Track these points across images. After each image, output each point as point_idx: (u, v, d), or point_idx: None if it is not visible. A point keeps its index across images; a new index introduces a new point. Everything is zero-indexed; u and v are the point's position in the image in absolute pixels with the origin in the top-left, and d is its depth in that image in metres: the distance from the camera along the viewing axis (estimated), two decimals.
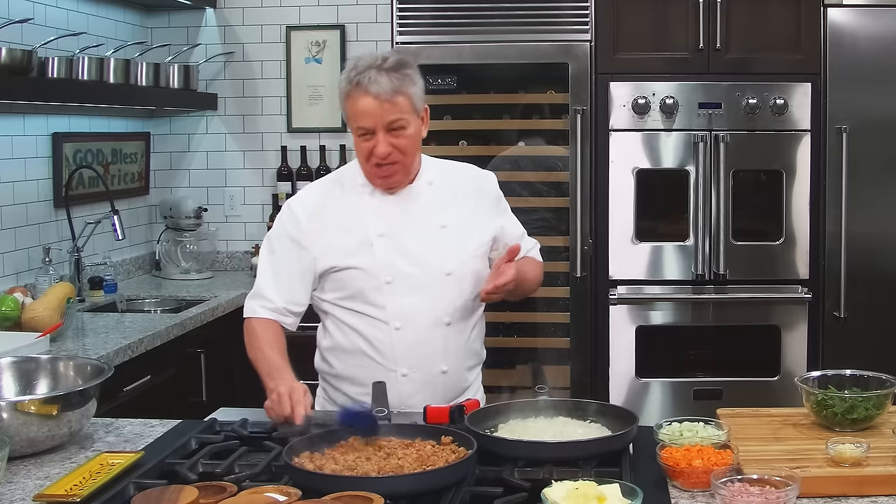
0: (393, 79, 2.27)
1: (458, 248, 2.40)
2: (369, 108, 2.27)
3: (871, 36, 3.90)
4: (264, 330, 2.37)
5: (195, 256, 4.61)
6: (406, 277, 2.35)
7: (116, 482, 1.84)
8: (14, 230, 3.74)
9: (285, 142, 4.78)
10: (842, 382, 2.13)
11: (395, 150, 2.31)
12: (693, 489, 1.79)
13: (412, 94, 2.30)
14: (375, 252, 2.35)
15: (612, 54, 3.99)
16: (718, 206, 3.95)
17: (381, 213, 2.39)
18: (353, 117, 2.31)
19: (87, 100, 3.87)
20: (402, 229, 2.38)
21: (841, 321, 3.95)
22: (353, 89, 2.29)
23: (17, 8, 3.66)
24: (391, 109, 2.27)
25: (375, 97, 2.26)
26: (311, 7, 4.74)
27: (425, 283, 2.36)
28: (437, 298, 2.37)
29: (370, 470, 1.78)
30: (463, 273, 2.39)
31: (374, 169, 2.34)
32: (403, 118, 2.29)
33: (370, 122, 2.28)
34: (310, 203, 2.44)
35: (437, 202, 2.42)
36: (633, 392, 4.00)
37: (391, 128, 2.29)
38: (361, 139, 2.32)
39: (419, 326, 2.36)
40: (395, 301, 2.35)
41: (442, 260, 2.38)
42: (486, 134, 4.26)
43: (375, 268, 2.35)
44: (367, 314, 2.37)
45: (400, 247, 2.37)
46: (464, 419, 2.06)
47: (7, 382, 2.27)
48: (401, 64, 2.30)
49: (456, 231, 2.40)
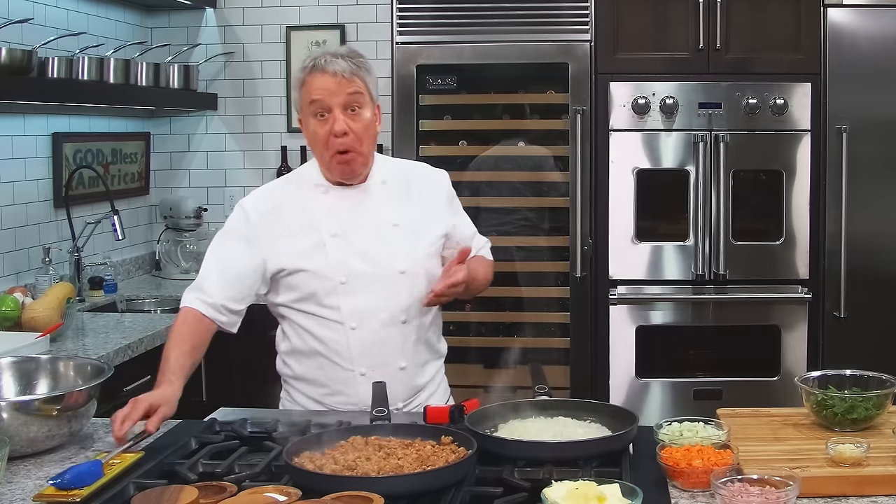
0: (350, 63, 2.32)
1: (410, 246, 2.40)
2: (327, 84, 2.30)
3: (871, 36, 3.90)
4: (183, 324, 2.35)
5: (195, 256, 4.60)
6: (360, 276, 2.36)
7: (116, 482, 1.84)
8: (14, 230, 3.74)
9: (285, 142, 4.78)
10: (842, 382, 2.13)
11: (352, 134, 2.31)
12: (693, 489, 1.79)
13: (368, 81, 2.35)
14: (328, 253, 2.35)
15: (612, 54, 3.99)
16: (718, 206, 3.95)
17: (334, 212, 2.39)
18: (310, 97, 2.32)
19: (87, 100, 3.87)
20: (355, 228, 2.38)
21: (841, 321, 3.95)
22: (310, 72, 2.32)
23: (17, 8, 3.66)
24: (348, 87, 2.30)
25: (333, 75, 2.29)
26: (311, 7, 4.74)
27: (379, 281, 2.36)
28: (392, 296, 2.38)
29: (370, 470, 1.78)
30: (416, 271, 2.40)
31: (336, 156, 2.34)
32: (360, 96, 2.32)
33: (328, 99, 2.30)
34: (262, 203, 2.43)
35: (389, 200, 2.43)
36: (633, 392, 4.00)
37: (348, 106, 2.31)
38: (319, 122, 2.33)
39: (375, 325, 2.36)
40: (350, 301, 2.35)
41: (395, 258, 2.38)
42: (486, 134, 4.25)
43: (329, 269, 2.35)
44: (321, 316, 2.37)
45: (353, 246, 2.37)
46: (464, 419, 2.06)
47: (7, 382, 2.27)
48: (356, 53, 2.38)
49: (408, 229, 2.41)
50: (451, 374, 2.68)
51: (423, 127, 4.12)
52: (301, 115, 2.39)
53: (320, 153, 2.37)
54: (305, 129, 2.39)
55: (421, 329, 2.43)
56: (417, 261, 2.40)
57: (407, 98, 4.07)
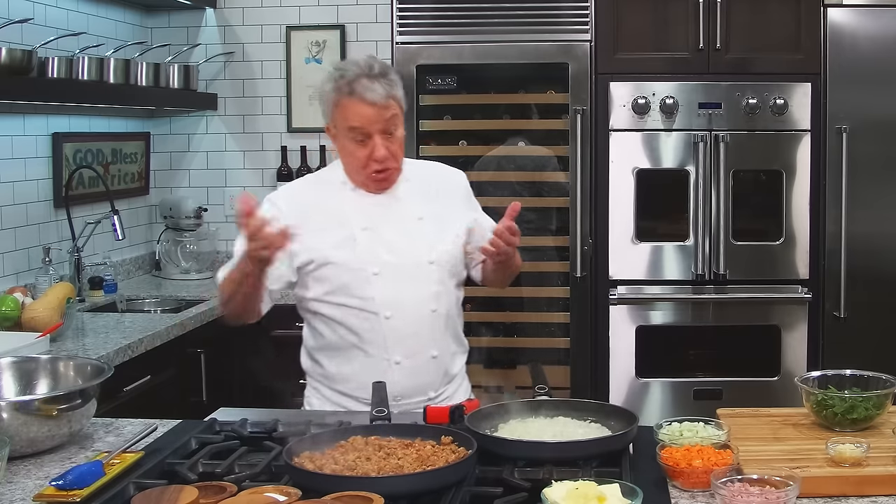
0: (384, 84, 2.37)
1: (436, 238, 2.47)
2: (367, 113, 2.35)
3: (871, 36, 3.90)
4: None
5: (195, 256, 4.61)
6: (392, 267, 2.41)
7: (116, 482, 1.84)
8: (14, 230, 3.74)
9: (285, 142, 4.78)
10: (842, 382, 2.13)
11: (390, 156, 2.40)
12: (693, 489, 1.79)
13: (400, 98, 2.42)
14: (359, 245, 2.41)
15: (612, 54, 3.99)
16: (718, 206, 3.95)
17: (362, 207, 2.46)
18: (348, 122, 2.38)
19: (87, 100, 3.87)
20: (383, 223, 2.45)
21: (841, 321, 3.95)
22: (347, 98, 2.37)
23: (17, 8, 3.66)
24: (386, 113, 2.37)
25: (372, 104, 2.35)
26: (311, 7, 4.74)
27: (410, 272, 2.42)
28: (423, 286, 2.43)
29: (370, 470, 1.78)
30: (443, 261, 2.46)
31: (372, 175, 2.42)
32: (396, 118, 2.40)
33: (367, 126, 2.36)
34: (290, 198, 2.51)
35: (413, 196, 2.50)
36: (633, 392, 4.00)
37: (386, 130, 2.39)
38: (357, 146, 2.39)
39: (408, 314, 2.41)
40: (384, 291, 2.40)
41: (423, 249, 2.45)
42: (486, 134, 4.25)
43: (361, 260, 2.40)
44: (355, 307, 2.41)
45: (382, 239, 2.43)
46: (464, 419, 2.06)
47: (7, 382, 2.27)
48: (387, 69, 2.42)
49: (432, 222, 2.48)
50: None
51: (423, 127, 4.12)
52: (335, 130, 2.44)
53: (357, 170, 2.44)
54: (340, 145, 2.45)
55: (449, 319, 2.50)
56: (444, 251, 2.47)
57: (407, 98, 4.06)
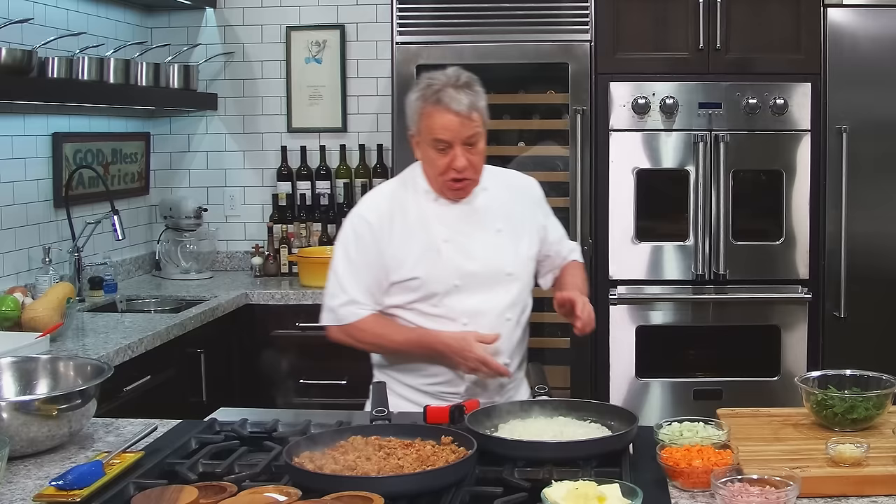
0: (469, 95, 2.43)
1: (514, 249, 2.54)
2: (451, 124, 2.41)
3: (871, 36, 3.90)
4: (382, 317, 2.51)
5: (195, 256, 4.61)
6: (472, 278, 2.48)
7: (116, 482, 1.84)
8: (14, 230, 3.74)
9: (285, 142, 4.78)
10: (842, 382, 2.14)
11: (470, 166, 2.45)
12: (693, 489, 1.79)
13: (483, 111, 2.48)
14: (443, 257, 2.48)
15: (612, 54, 3.99)
16: (718, 206, 3.95)
17: (444, 218, 2.52)
18: (433, 133, 2.43)
19: (87, 100, 3.87)
20: (464, 234, 2.51)
21: (841, 321, 3.95)
22: (433, 107, 2.42)
23: (17, 8, 3.66)
24: (469, 125, 2.43)
25: (456, 114, 2.41)
26: (311, 7, 4.74)
27: (489, 283, 2.49)
28: (501, 297, 2.51)
29: (370, 470, 1.78)
30: (520, 273, 2.54)
31: (449, 182, 2.47)
32: (478, 132, 2.45)
33: (450, 137, 2.42)
34: (377, 210, 2.53)
35: (491, 207, 2.55)
36: (633, 392, 4.00)
37: (468, 142, 2.44)
38: (438, 154, 2.45)
39: (486, 323, 2.48)
40: (463, 302, 2.48)
41: (502, 261, 2.52)
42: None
43: (444, 273, 2.47)
44: (436, 315, 2.48)
45: (464, 250, 2.49)
46: (464, 419, 2.07)
47: (7, 382, 2.27)
48: (473, 81, 2.48)
49: (510, 234, 2.55)
50: None
51: None
52: (419, 138, 2.50)
53: (435, 177, 2.49)
54: (422, 153, 2.51)
55: (520, 326, 2.58)
56: (521, 263, 2.55)
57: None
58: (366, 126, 4.76)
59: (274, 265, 4.57)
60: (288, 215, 4.68)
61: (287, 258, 4.54)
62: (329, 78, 4.74)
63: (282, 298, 4.20)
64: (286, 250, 4.56)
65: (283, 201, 4.70)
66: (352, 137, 4.76)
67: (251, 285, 4.36)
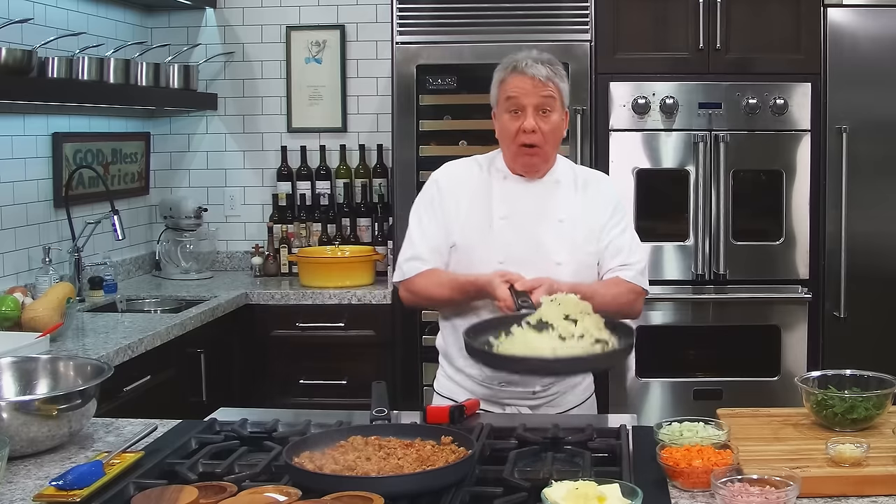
0: (548, 68, 2.47)
1: (571, 241, 2.52)
2: (524, 85, 2.46)
3: (871, 36, 3.90)
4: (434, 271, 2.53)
5: (195, 256, 4.61)
6: (517, 261, 2.45)
7: (116, 482, 1.84)
8: (14, 230, 3.74)
9: (285, 142, 4.78)
10: (842, 382, 2.13)
11: (540, 133, 2.46)
12: (693, 489, 1.79)
13: (561, 88, 2.50)
14: (493, 233, 2.50)
15: (612, 54, 3.99)
16: (718, 206, 3.95)
17: (507, 197, 2.54)
18: (506, 94, 2.49)
19: (87, 100, 3.87)
20: (523, 216, 2.52)
21: (841, 321, 3.95)
22: (510, 73, 2.49)
23: (17, 8, 3.66)
24: (543, 89, 2.46)
25: (531, 78, 2.45)
26: (311, 7, 4.74)
27: (534, 268, 2.43)
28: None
29: (370, 470, 1.78)
30: (571, 265, 2.50)
31: (520, 148, 2.49)
32: (552, 101, 2.47)
33: (523, 98, 2.46)
34: (448, 178, 2.61)
35: (559, 197, 2.55)
36: (633, 392, 4.00)
37: (541, 108, 2.46)
38: (510, 117, 2.49)
39: None
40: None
41: (554, 249, 2.50)
42: (486, 134, 4.23)
43: (490, 248, 2.49)
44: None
45: (518, 231, 2.50)
46: (464, 419, 2.07)
47: (7, 382, 2.27)
48: (555, 61, 2.52)
49: (570, 226, 2.53)
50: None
51: (423, 127, 4.12)
52: (496, 109, 2.56)
53: (508, 145, 2.53)
54: (498, 122, 2.55)
55: None
56: (574, 255, 2.52)
57: (407, 98, 4.07)
58: (366, 126, 4.76)
59: (274, 265, 4.57)
60: (288, 215, 4.68)
61: (287, 258, 4.54)
62: (329, 78, 4.74)
63: (282, 298, 4.20)
64: (286, 250, 4.56)
65: (283, 201, 4.70)
66: (352, 137, 4.76)
67: (251, 285, 4.36)
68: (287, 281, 4.47)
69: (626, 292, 2.52)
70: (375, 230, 4.60)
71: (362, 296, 4.15)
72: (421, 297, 2.58)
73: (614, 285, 2.51)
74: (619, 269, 2.53)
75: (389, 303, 4.12)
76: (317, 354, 4.14)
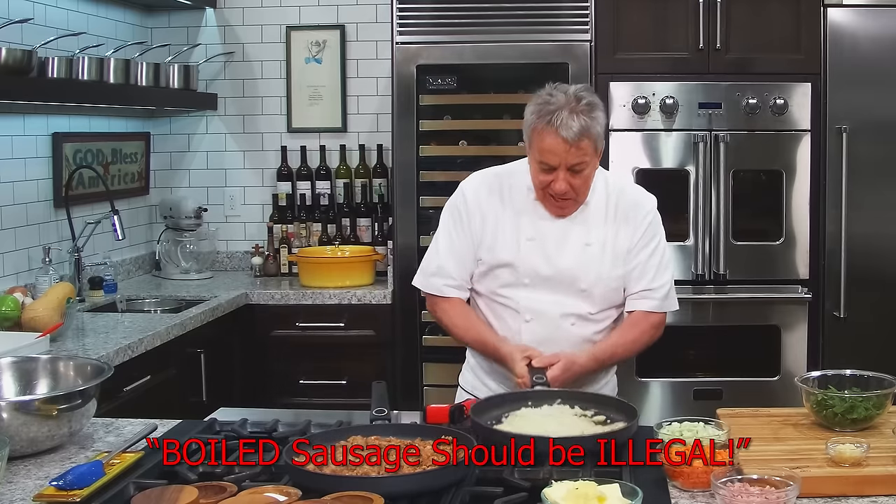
0: (582, 121, 2.35)
1: (597, 267, 2.50)
2: (556, 148, 2.36)
3: (871, 36, 3.90)
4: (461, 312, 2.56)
5: (195, 256, 4.61)
6: (543, 283, 2.48)
7: (116, 482, 1.84)
8: (14, 230, 3.74)
9: (285, 142, 4.78)
10: (842, 382, 2.13)
11: (571, 189, 2.42)
12: (693, 489, 1.79)
13: (596, 137, 2.39)
14: (521, 254, 2.49)
15: (612, 54, 3.99)
16: (718, 206, 3.95)
17: (536, 219, 2.51)
18: (539, 152, 2.41)
19: (87, 100, 3.87)
20: (551, 238, 2.50)
21: (841, 321, 3.95)
22: (544, 126, 2.37)
23: (17, 8, 3.66)
24: (576, 153, 2.37)
25: (564, 140, 2.35)
26: (311, 7, 4.74)
27: (559, 291, 2.48)
28: (567, 306, 2.50)
29: (370, 470, 1.78)
30: (595, 290, 2.50)
31: (549, 199, 2.47)
32: (585, 160, 2.39)
33: (554, 160, 2.39)
34: (477, 191, 2.57)
35: (587, 221, 2.52)
36: (633, 392, 4.00)
37: (573, 169, 2.39)
38: (541, 172, 2.43)
39: (547, 322, 2.49)
40: (530, 298, 2.49)
41: (579, 276, 2.50)
42: (486, 134, 4.25)
43: (517, 269, 2.49)
44: (502, 304, 2.53)
45: (544, 253, 2.49)
46: (464, 419, 2.06)
47: (7, 382, 2.27)
48: (592, 106, 2.39)
49: (598, 250, 2.51)
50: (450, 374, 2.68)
51: (423, 127, 4.12)
52: (527, 149, 2.47)
53: (537, 190, 2.48)
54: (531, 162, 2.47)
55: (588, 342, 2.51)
56: (599, 281, 2.50)
57: (407, 98, 4.07)
58: (366, 126, 4.76)
59: (274, 265, 4.57)
60: (288, 215, 4.68)
61: (287, 258, 4.54)
62: (329, 78, 4.74)
63: (282, 298, 4.20)
64: (286, 250, 4.56)
65: (283, 201, 4.70)
66: (352, 137, 4.76)
67: (251, 285, 4.36)
68: (287, 281, 4.47)
69: (647, 330, 2.54)
70: (375, 230, 4.60)
71: (362, 296, 4.15)
72: (442, 323, 2.61)
73: (633, 328, 2.53)
74: (641, 296, 2.53)
75: (389, 303, 4.12)
76: (317, 354, 4.15)
